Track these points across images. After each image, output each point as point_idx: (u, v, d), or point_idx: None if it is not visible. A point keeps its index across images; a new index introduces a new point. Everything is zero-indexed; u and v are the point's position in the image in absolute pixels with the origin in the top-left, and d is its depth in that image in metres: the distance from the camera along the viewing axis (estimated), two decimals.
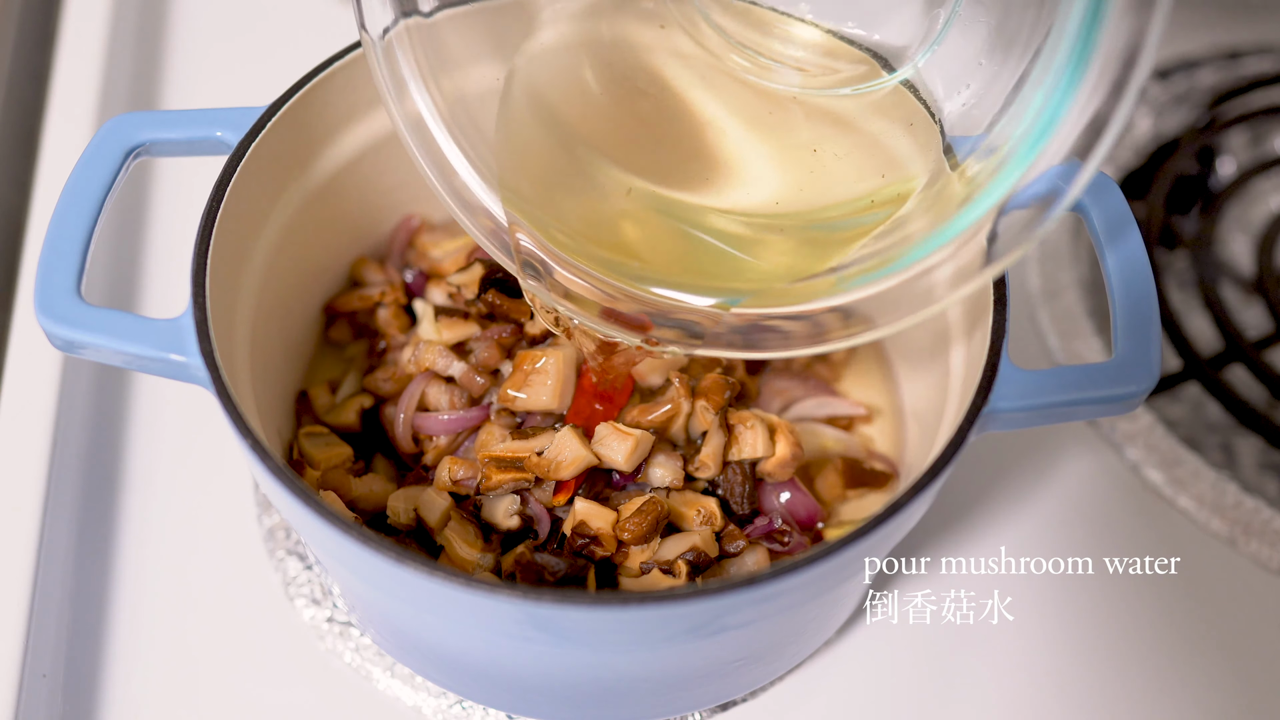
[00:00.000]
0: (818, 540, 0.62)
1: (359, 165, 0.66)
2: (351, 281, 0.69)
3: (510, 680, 0.57)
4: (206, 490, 0.69)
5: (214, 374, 0.51)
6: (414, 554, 0.46)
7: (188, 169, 0.67)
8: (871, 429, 0.67)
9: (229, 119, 0.59)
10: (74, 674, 0.62)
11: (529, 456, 0.58)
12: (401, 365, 0.63)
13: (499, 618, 0.47)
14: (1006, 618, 0.64)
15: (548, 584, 0.56)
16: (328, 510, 0.47)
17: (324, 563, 0.58)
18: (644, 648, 0.51)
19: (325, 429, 0.63)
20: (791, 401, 0.67)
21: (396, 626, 0.57)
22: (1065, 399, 0.52)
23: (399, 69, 0.54)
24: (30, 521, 0.62)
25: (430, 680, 0.61)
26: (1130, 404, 0.52)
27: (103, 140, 0.57)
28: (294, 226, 0.63)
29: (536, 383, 0.59)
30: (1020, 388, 0.51)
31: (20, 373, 0.67)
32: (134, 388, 0.72)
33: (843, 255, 0.53)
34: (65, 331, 0.52)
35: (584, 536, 0.57)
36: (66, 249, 0.54)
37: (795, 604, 0.51)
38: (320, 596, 0.64)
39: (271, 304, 0.61)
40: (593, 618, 0.47)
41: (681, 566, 0.56)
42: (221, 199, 0.56)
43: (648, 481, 0.59)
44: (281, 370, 0.64)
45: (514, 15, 0.58)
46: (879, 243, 0.53)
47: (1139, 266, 0.54)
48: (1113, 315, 0.54)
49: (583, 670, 0.54)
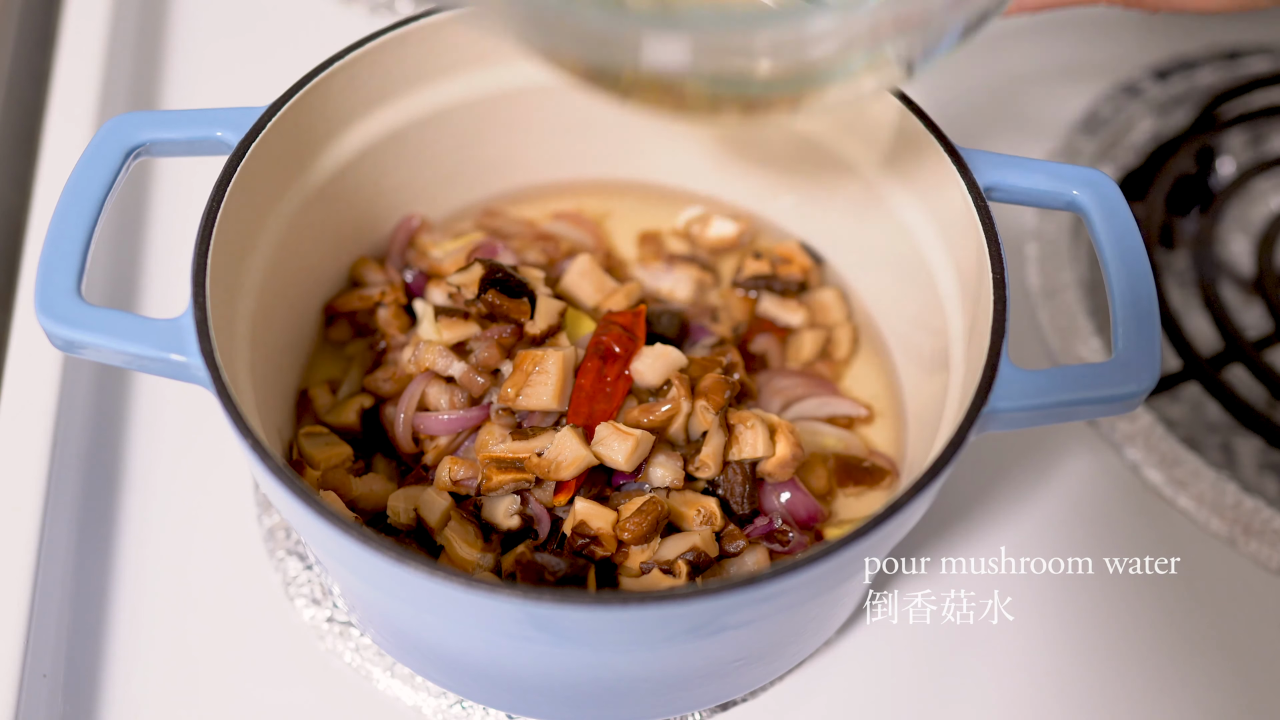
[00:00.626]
0: (818, 540, 0.62)
1: (359, 165, 0.66)
2: (351, 281, 0.69)
3: (510, 680, 0.57)
4: (206, 490, 0.69)
5: (214, 374, 0.51)
6: (414, 553, 0.46)
7: (188, 169, 0.67)
8: (872, 429, 0.67)
9: (229, 119, 0.59)
10: (74, 674, 0.62)
11: (529, 457, 0.58)
12: (401, 365, 0.63)
13: (499, 618, 0.47)
14: (1006, 617, 0.64)
15: (548, 584, 0.56)
16: (328, 510, 0.47)
17: (324, 563, 0.58)
18: (644, 647, 0.51)
19: (325, 429, 0.63)
20: (792, 401, 0.67)
21: (397, 626, 0.57)
22: (1065, 399, 0.52)
23: None
24: (30, 521, 0.62)
25: (430, 680, 0.61)
26: (1130, 404, 0.52)
27: (103, 140, 0.57)
28: (294, 226, 0.63)
29: (537, 383, 0.59)
30: (1020, 388, 0.51)
31: (20, 373, 0.67)
32: (134, 388, 0.72)
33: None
34: (66, 331, 0.52)
35: (584, 536, 0.57)
36: (67, 249, 0.54)
37: (795, 604, 0.51)
38: (320, 596, 0.64)
39: (271, 303, 0.61)
40: (593, 617, 0.47)
41: (682, 566, 0.56)
42: (221, 199, 0.56)
43: (648, 481, 0.59)
44: (281, 370, 0.64)
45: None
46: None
47: (1139, 266, 0.54)
48: (1113, 315, 0.54)
49: (583, 670, 0.55)
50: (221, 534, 0.67)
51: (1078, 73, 0.91)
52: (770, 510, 0.61)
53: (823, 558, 0.46)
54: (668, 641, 0.50)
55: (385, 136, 0.66)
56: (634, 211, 0.74)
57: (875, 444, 0.67)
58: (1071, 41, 0.92)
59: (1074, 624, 0.65)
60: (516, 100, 0.68)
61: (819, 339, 0.68)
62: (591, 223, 0.73)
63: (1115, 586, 0.66)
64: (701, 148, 0.72)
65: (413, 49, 0.63)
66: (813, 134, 0.66)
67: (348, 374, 0.66)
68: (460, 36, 0.64)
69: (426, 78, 0.65)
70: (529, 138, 0.71)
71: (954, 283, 0.60)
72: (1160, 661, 0.64)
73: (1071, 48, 0.92)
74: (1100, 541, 0.68)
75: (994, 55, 0.90)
